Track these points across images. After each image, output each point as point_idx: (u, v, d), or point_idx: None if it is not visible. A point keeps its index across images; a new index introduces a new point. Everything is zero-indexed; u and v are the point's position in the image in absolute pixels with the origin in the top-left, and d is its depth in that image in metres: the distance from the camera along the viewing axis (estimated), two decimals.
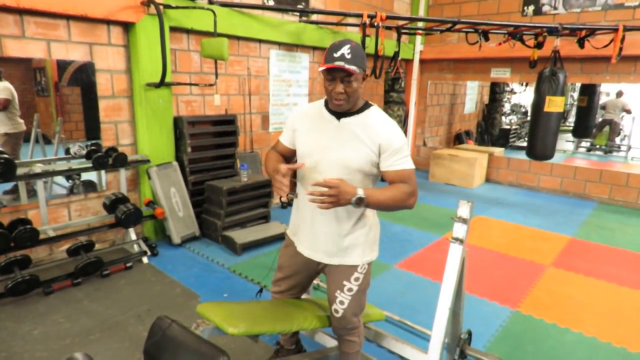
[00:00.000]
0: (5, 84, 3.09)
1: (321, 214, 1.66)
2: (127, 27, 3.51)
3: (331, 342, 2.23)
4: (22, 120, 3.21)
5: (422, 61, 6.97)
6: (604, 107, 9.13)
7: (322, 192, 1.47)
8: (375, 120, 1.60)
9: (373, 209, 1.59)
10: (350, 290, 1.73)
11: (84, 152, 3.43)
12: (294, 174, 1.71)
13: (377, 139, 1.56)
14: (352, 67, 1.47)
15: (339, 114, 1.62)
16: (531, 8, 5.90)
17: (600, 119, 9.23)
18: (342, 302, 1.75)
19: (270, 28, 4.51)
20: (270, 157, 1.82)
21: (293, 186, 1.85)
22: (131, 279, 3.15)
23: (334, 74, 1.51)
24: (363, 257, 1.72)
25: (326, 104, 1.68)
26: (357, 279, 1.73)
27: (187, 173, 4.00)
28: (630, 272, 3.53)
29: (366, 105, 1.64)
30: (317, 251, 1.73)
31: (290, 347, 2.14)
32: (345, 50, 1.48)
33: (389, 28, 5.03)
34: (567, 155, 9.09)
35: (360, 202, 1.48)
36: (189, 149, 3.94)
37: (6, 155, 2.80)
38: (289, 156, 1.85)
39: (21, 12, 2.93)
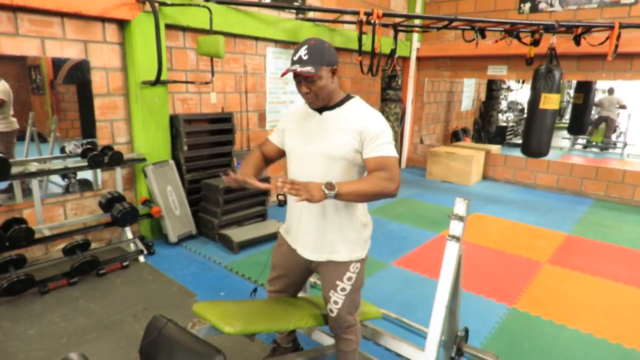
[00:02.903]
0: (2, 83, 3.06)
1: (308, 210, 1.66)
2: (122, 24, 3.49)
3: (328, 340, 2.23)
4: (14, 119, 3.18)
5: (419, 59, 6.97)
6: (599, 105, 9.16)
7: (285, 181, 1.39)
8: (355, 111, 1.62)
9: (350, 200, 1.54)
10: (343, 290, 1.73)
11: (79, 150, 3.42)
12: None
13: (357, 126, 1.57)
14: (307, 69, 1.49)
15: (320, 109, 1.65)
16: (528, 5, 5.90)
17: (596, 116, 9.27)
18: (336, 302, 1.74)
19: (266, 25, 4.50)
20: (251, 156, 1.84)
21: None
22: (127, 278, 3.14)
23: (298, 77, 1.56)
24: (351, 253, 1.70)
25: None
26: (349, 279, 1.72)
27: (184, 171, 3.98)
28: (626, 268, 3.55)
29: (347, 98, 1.66)
30: (305, 248, 1.73)
31: (287, 346, 2.13)
32: (302, 52, 1.52)
33: (385, 25, 5.02)
34: (564, 153, 9.12)
35: (330, 195, 1.41)
36: (186, 147, 3.93)
37: (0, 154, 2.78)
38: (274, 157, 1.87)
39: (15, 9, 2.91)
